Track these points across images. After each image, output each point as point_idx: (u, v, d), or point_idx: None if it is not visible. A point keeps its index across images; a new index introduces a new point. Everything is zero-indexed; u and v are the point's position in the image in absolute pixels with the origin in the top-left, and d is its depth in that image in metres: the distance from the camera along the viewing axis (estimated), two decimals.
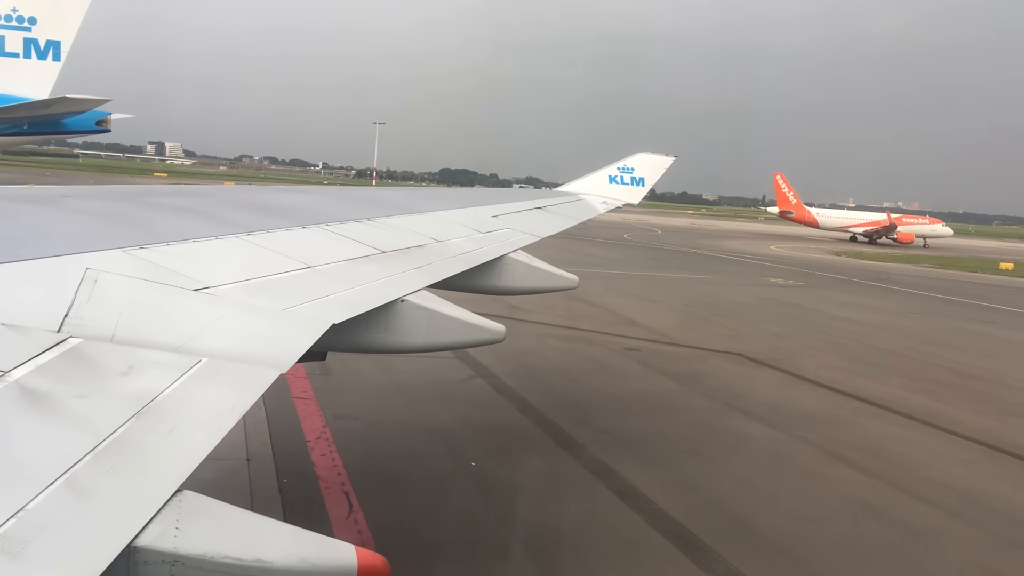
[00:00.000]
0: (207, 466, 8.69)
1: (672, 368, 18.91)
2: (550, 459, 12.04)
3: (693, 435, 13.77)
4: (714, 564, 8.91)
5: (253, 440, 11.64)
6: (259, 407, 13.04)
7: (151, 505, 2.41)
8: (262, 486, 10.06)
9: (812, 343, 23.80)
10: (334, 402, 13.76)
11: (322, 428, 12.38)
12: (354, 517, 9.36)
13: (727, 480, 11.66)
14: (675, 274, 41.29)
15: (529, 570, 8.62)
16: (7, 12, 31.87)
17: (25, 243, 4.15)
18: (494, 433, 13.16)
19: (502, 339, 6.08)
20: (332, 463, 11.00)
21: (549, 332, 22.15)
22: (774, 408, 15.80)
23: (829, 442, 13.83)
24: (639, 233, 75.81)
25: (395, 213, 8.08)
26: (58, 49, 32.52)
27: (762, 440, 13.74)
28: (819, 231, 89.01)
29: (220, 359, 3.50)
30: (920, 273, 53.50)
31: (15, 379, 2.77)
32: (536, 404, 14.85)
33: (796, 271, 47.09)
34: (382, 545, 8.63)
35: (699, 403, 16.00)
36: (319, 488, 10.19)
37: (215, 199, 7.35)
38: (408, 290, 5.50)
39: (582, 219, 13.32)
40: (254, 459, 10.93)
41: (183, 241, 4.88)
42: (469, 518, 9.81)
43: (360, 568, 2.66)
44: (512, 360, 18.26)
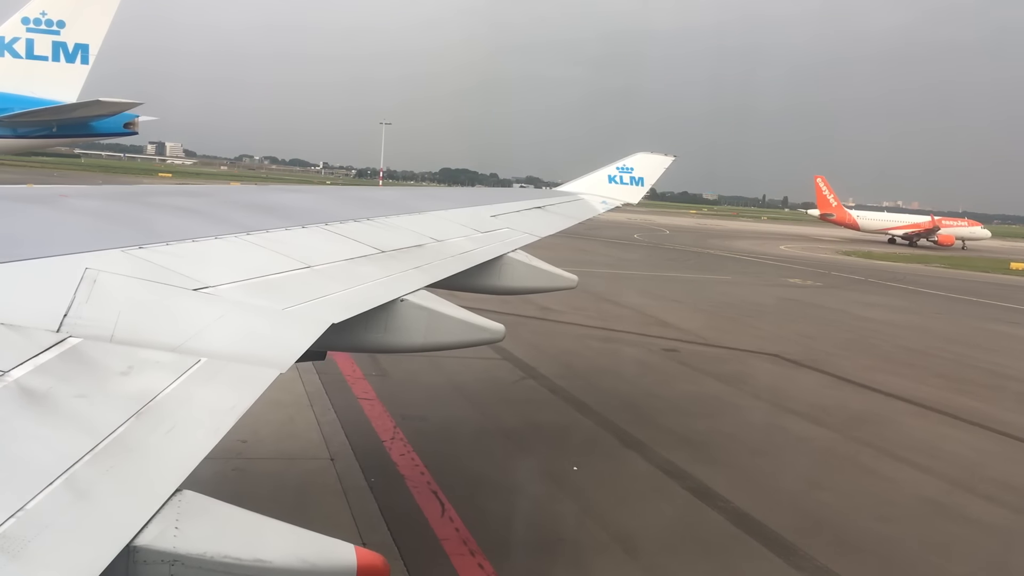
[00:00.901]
0: (295, 465, 9.03)
1: (714, 369, 19.15)
2: (621, 459, 12.28)
3: (752, 435, 14.01)
4: (804, 563, 9.15)
5: (331, 440, 11.89)
6: (328, 408, 13.33)
7: (151, 505, 2.42)
8: (352, 485, 10.29)
9: (843, 344, 24.04)
10: (398, 403, 13.99)
11: (394, 428, 12.62)
12: (448, 515, 9.60)
13: (797, 480, 11.91)
14: (693, 275, 41.54)
15: (633, 569, 8.85)
16: (36, 15, 32.07)
17: (24, 243, 4.15)
18: (561, 433, 13.40)
19: (501, 339, 6.11)
20: (413, 463, 11.24)
21: (586, 333, 22.39)
22: (823, 409, 16.05)
23: (883, 442, 14.09)
24: (648, 233, 76.03)
25: (394, 213, 8.11)
26: (86, 52, 32.71)
27: (820, 440, 13.99)
28: (859, 233, 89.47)
29: (219, 359, 3.50)
30: (933, 273, 53.78)
31: (14, 379, 2.77)
32: (592, 404, 15.09)
33: (811, 271, 47.34)
34: (484, 544, 8.89)
35: (749, 403, 16.26)
36: (407, 487, 10.43)
37: (214, 199, 7.39)
38: (407, 290, 5.49)
39: (582, 219, 13.41)
40: (337, 459, 11.17)
41: (182, 241, 4.89)
42: (561, 517, 10.05)
43: (360, 567, 2.66)
44: (558, 361, 18.53)
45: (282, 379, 12.06)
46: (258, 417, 12.70)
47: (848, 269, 51.40)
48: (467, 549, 8.79)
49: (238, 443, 11.49)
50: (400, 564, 8.34)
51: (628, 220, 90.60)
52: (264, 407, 13.17)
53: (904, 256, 69.30)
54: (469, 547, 8.84)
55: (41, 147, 36.31)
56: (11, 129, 31.57)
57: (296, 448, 11.58)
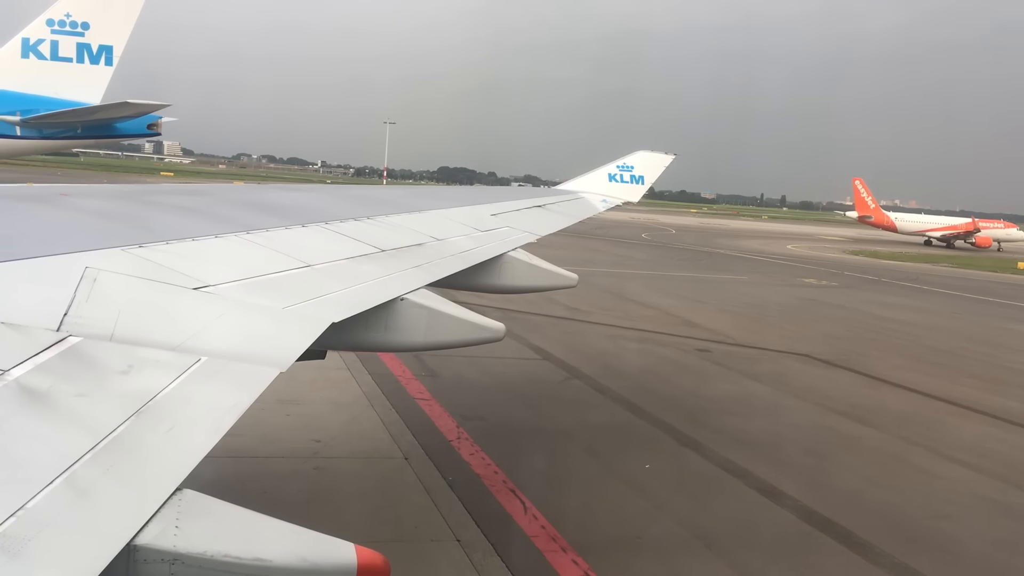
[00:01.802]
0: (373, 465, 9.32)
1: (750, 369, 19.43)
2: (682, 458, 12.56)
3: (802, 435, 14.29)
4: (881, 558, 9.43)
5: (400, 440, 12.15)
6: (389, 408, 13.58)
7: (151, 504, 2.43)
8: (432, 484, 10.54)
9: (869, 344, 24.33)
10: (454, 403, 14.24)
11: (457, 428, 12.88)
12: (532, 513, 9.87)
13: (856, 479, 12.19)
14: (709, 275, 41.83)
15: (716, 565, 9.12)
16: (61, 17, 32.25)
17: (24, 242, 4.16)
18: (618, 432, 13.65)
19: (502, 338, 6.05)
20: (485, 462, 11.50)
21: (617, 333, 22.65)
22: (865, 409, 16.33)
23: (931, 441, 14.38)
24: (655, 233, 76.28)
25: (394, 212, 8.10)
26: (110, 54, 32.89)
27: (870, 440, 14.27)
28: (896, 235, 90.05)
29: (219, 358, 3.50)
30: (943, 273, 54.12)
31: (14, 378, 2.77)
32: (641, 404, 15.35)
33: (824, 271, 47.65)
34: (573, 541, 9.16)
35: (792, 404, 16.53)
36: (485, 486, 10.69)
37: (214, 197, 7.39)
38: (408, 289, 5.47)
39: (582, 217, 13.45)
40: (411, 458, 11.43)
41: (182, 240, 4.89)
42: (637, 515, 10.32)
43: (360, 566, 2.66)
44: (597, 362, 18.79)
45: (337, 380, 12.47)
46: (324, 417, 12.99)
47: (859, 269, 51.73)
48: (558, 546, 9.06)
49: (312, 443, 11.79)
50: (498, 561, 8.60)
51: (632, 219, 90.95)
52: (326, 407, 13.50)
53: (911, 256, 69.70)
54: (559, 544, 9.10)
55: (65, 148, 36.52)
56: (37, 130, 31.75)
57: (368, 448, 11.83)
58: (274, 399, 13.57)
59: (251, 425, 12.23)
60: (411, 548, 8.80)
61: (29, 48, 31.99)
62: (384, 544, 8.73)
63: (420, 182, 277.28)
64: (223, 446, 9.98)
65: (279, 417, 12.83)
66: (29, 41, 32.00)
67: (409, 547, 8.82)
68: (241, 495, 8.73)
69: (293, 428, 12.46)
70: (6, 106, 31.27)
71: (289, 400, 13.65)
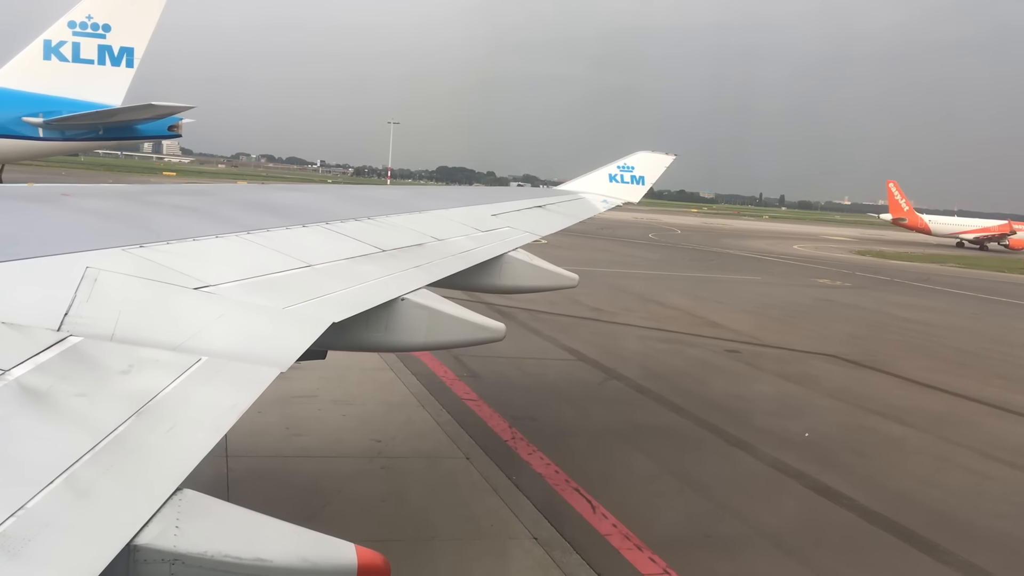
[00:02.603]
0: (437, 465, 9.55)
1: (781, 370, 19.64)
2: (733, 458, 12.75)
3: (846, 436, 14.48)
4: (949, 557, 9.63)
5: (458, 440, 12.34)
6: (440, 409, 13.76)
7: (151, 504, 2.42)
8: (498, 483, 10.72)
9: (893, 345, 24.53)
10: (501, 403, 14.42)
11: (510, 429, 13.06)
12: (601, 512, 10.06)
13: (907, 479, 12.38)
14: (723, 275, 42.04)
15: (789, 564, 9.32)
16: (82, 19, 32.38)
17: (25, 242, 4.16)
18: (666, 433, 13.84)
19: (502, 338, 6.01)
20: (544, 462, 11.67)
21: (645, 334, 22.85)
22: (902, 409, 16.53)
23: (973, 442, 14.58)
24: (662, 233, 76.46)
25: (395, 212, 8.08)
26: (131, 56, 33.02)
27: (912, 440, 14.48)
28: (930, 237, 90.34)
29: (220, 358, 3.50)
30: (952, 273, 54.38)
31: (15, 378, 2.77)
32: (682, 404, 15.54)
33: (835, 271, 47.87)
34: (646, 539, 9.35)
35: (829, 404, 16.74)
36: (549, 485, 10.88)
37: (215, 197, 7.39)
38: (408, 289, 5.46)
39: (583, 218, 13.45)
40: (473, 458, 11.62)
41: (183, 239, 4.88)
42: (701, 514, 10.51)
43: (360, 566, 2.66)
44: (632, 363, 18.97)
45: (384, 380, 12.70)
46: (380, 418, 13.19)
47: (870, 269, 51.98)
48: (632, 544, 9.24)
49: (374, 443, 11.98)
50: (577, 559, 8.78)
51: (636, 219, 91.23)
52: (379, 408, 13.70)
53: (917, 256, 70.01)
54: (633, 542, 9.29)
55: (87, 149, 36.69)
56: (59, 132, 31.88)
57: (429, 447, 12.01)
58: (328, 399, 13.80)
59: (311, 425, 12.47)
60: (492, 546, 8.99)
61: (51, 50, 32.13)
62: (465, 542, 9.00)
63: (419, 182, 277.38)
64: (291, 444, 10.24)
65: (336, 417, 13.03)
66: (51, 43, 32.14)
67: (490, 544, 9.02)
68: (317, 494, 8.96)
69: (352, 428, 12.65)
70: (29, 108, 31.41)
71: (342, 401, 13.85)
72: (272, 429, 12.19)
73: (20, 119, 31.25)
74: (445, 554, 8.70)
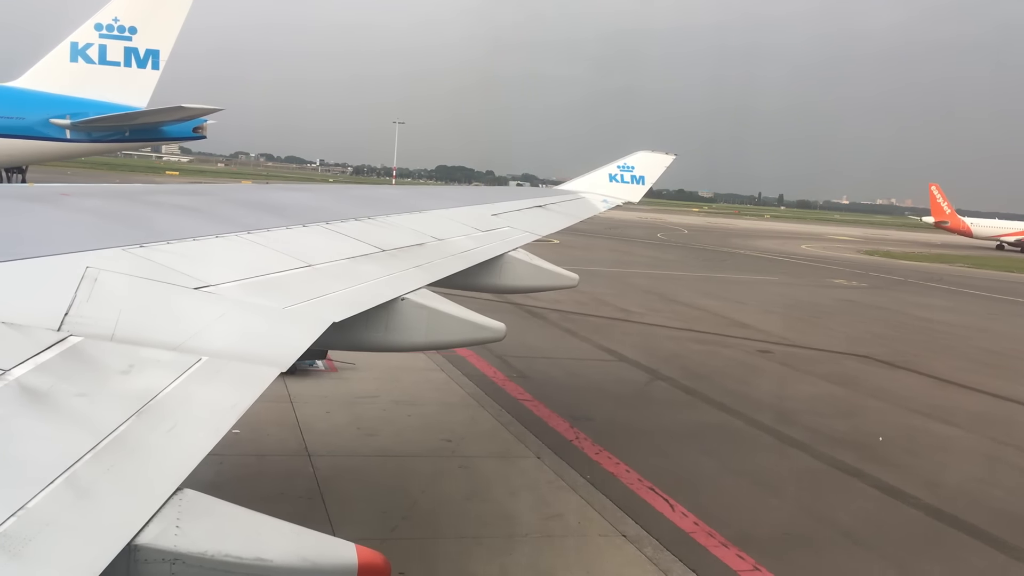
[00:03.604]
0: (511, 464, 9.83)
1: (817, 370, 19.91)
2: (792, 458, 13.02)
3: (896, 435, 14.74)
4: (1020, 553, 9.92)
5: (524, 439, 12.59)
6: (500, 410, 14.02)
7: (151, 504, 2.42)
8: (573, 482, 10.97)
9: (920, 345, 24.83)
10: (556, 403, 14.66)
11: (571, 428, 13.32)
12: (679, 511, 10.32)
13: (966, 478, 12.66)
14: (740, 275, 42.30)
15: (871, 560, 9.59)
16: (108, 21, 32.54)
17: (25, 242, 4.15)
18: (721, 432, 14.09)
19: (502, 337, 6.01)
20: (612, 461, 11.91)
21: (677, 335, 23.12)
22: (944, 409, 16.83)
23: (1020, 441, 14.88)
24: (669, 233, 76.61)
25: (395, 211, 8.06)
26: (157, 58, 33.16)
27: (961, 440, 14.78)
28: (971, 239, 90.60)
29: (220, 358, 3.49)
30: (963, 273, 54.71)
31: (15, 378, 2.76)
32: (730, 404, 15.79)
33: (848, 272, 48.16)
34: (729, 537, 9.62)
35: (872, 404, 17.01)
36: (622, 483, 11.13)
37: (215, 197, 7.38)
38: (408, 288, 5.46)
39: (583, 217, 13.46)
40: (544, 457, 11.87)
41: (183, 239, 4.87)
42: (775, 511, 10.78)
43: (360, 566, 2.66)
44: (672, 363, 19.22)
45: (437, 381, 13.09)
46: (443, 418, 13.45)
47: (881, 269, 52.31)
48: (717, 542, 9.51)
49: (444, 442, 12.24)
50: (669, 556, 9.04)
51: (641, 219, 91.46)
52: (440, 408, 13.97)
53: (925, 256, 70.41)
54: (718, 540, 9.55)
55: (113, 150, 36.87)
56: (86, 133, 32.03)
57: (498, 447, 12.26)
58: (390, 400, 14.06)
59: (380, 425, 12.74)
60: (585, 543, 9.24)
61: (78, 52, 32.27)
62: (558, 539, 9.26)
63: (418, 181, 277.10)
64: (367, 444, 10.53)
65: (402, 418, 13.29)
66: (78, 45, 32.27)
67: (582, 542, 9.26)
68: (403, 493, 9.21)
69: (419, 428, 12.91)
70: (56, 110, 31.55)
71: (404, 401, 14.11)
72: (344, 429, 12.46)
73: (48, 121, 31.39)
74: (543, 551, 8.96)
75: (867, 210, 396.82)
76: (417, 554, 8.63)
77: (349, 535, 8.79)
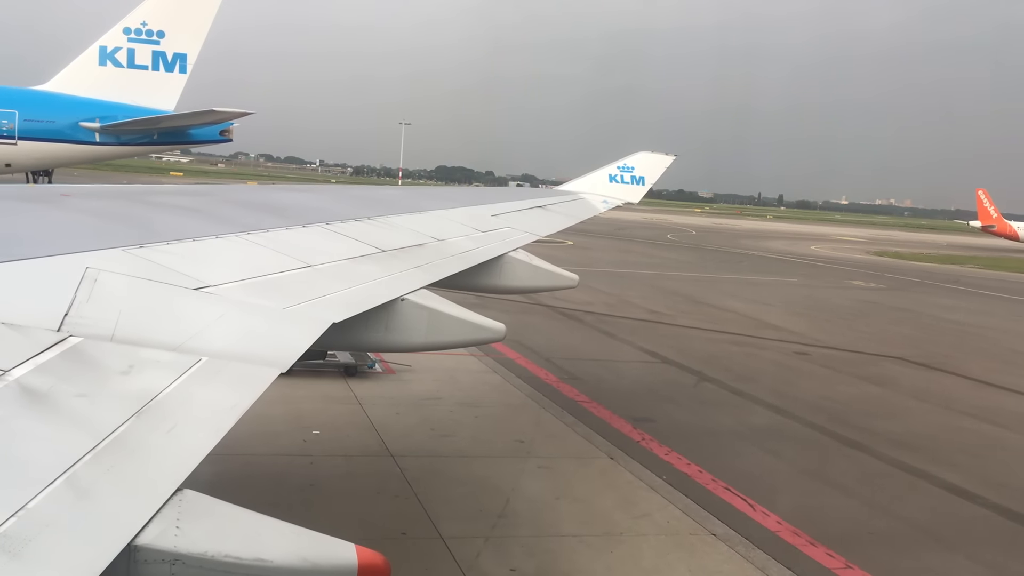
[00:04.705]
0: (589, 464, 10.07)
1: (855, 371, 20.16)
2: (855, 459, 13.26)
3: (949, 436, 15.02)
4: None
5: (593, 440, 12.84)
6: (562, 411, 14.27)
7: (151, 504, 2.41)
8: (651, 482, 11.21)
9: (951, 347, 25.08)
10: (614, 405, 14.89)
11: (635, 430, 13.57)
12: (761, 511, 10.56)
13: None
14: (758, 277, 42.56)
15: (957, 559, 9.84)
16: (137, 25, 32.77)
17: (25, 242, 4.14)
18: (779, 433, 14.34)
19: (502, 338, 6.01)
20: (684, 461, 12.16)
21: (711, 336, 23.38)
22: (989, 410, 17.08)
23: None
24: (678, 234, 76.79)
25: (395, 212, 8.06)
26: (184, 62, 33.39)
27: (1011, 440, 15.04)
28: (1017, 243, 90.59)
29: (220, 358, 3.49)
30: (975, 274, 54.97)
31: (15, 378, 2.76)
32: (781, 406, 16.05)
33: (863, 273, 48.42)
34: (815, 536, 9.87)
35: (918, 406, 17.28)
36: (699, 484, 11.38)
37: (215, 198, 7.38)
38: (408, 289, 5.45)
39: (583, 218, 13.46)
40: (616, 458, 12.12)
41: (183, 240, 4.86)
42: (854, 511, 11.03)
43: (361, 566, 2.66)
44: (714, 365, 19.45)
45: (494, 383, 13.51)
46: (510, 419, 13.72)
47: (896, 271, 52.59)
48: (805, 540, 9.75)
49: (517, 443, 12.49)
50: (761, 554, 9.28)
51: (647, 220, 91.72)
52: (504, 410, 14.22)
53: (934, 257, 70.74)
54: (805, 539, 9.80)
55: (142, 153, 37.08)
56: (115, 137, 32.27)
57: (571, 448, 12.51)
58: (453, 402, 14.33)
59: (452, 427, 13.00)
60: (679, 541, 9.48)
61: (106, 56, 32.49)
62: (652, 538, 9.51)
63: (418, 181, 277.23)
64: (444, 445, 10.80)
65: (470, 419, 13.55)
66: (106, 49, 32.50)
67: (676, 540, 9.50)
68: (494, 492, 9.48)
69: (490, 429, 13.16)
70: (86, 113, 31.76)
71: (467, 403, 14.37)
72: (418, 430, 12.71)
73: (77, 124, 31.61)
74: (642, 549, 9.19)
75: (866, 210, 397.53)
76: (525, 552, 8.87)
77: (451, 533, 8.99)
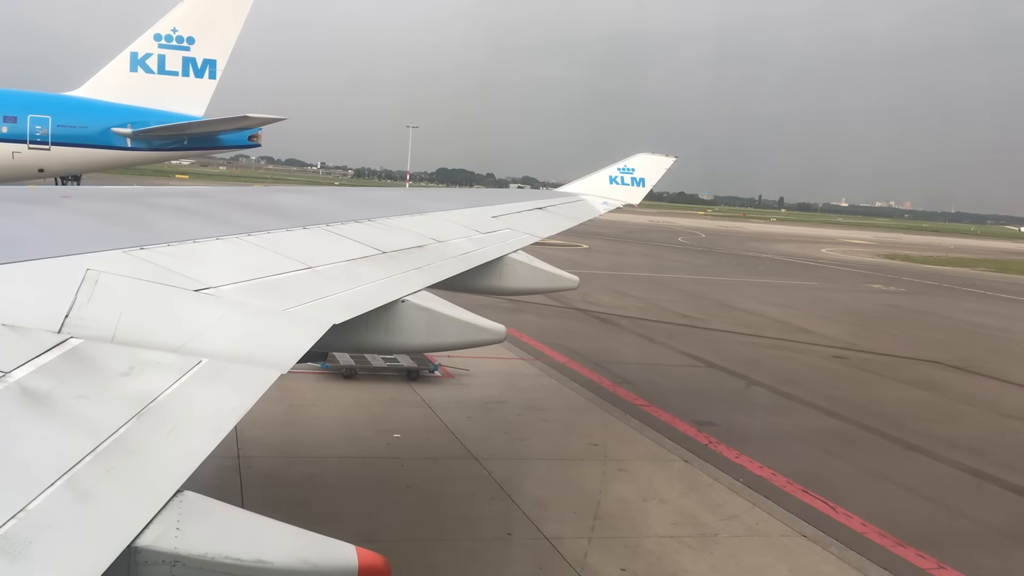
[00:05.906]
0: (665, 467, 10.33)
1: (897, 375, 20.37)
2: (919, 462, 13.48)
3: (1006, 439, 15.26)
4: None
5: (663, 444, 13.06)
6: (626, 415, 14.49)
7: (152, 506, 2.42)
8: (730, 485, 11.41)
9: (984, 350, 25.29)
10: (674, 409, 15.11)
11: (700, 433, 13.79)
12: (843, 512, 10.77)
13: None
14: (779, 280, 42.76)
15: None
16: (167, 32, 33.03)
17: (26, 244, 4.15)
18: (839, 436, 14.55)
19: (502, 339, 6.02)
20: (756, 464, 12.36)
21: (748, 340, 23.61)
22: None
23: None
24: (688, 237, 77.15)
25: (395, 213, 8.08)
26: (214, 67, 33.66)
27: None
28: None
29: (220, 360, 3.49)
30: (989, 277, 55.23)
31: (16, 380, 2.76)
32: (834, 409, 16.27)
33: (880, 276, 48.69)
34: (903, 537, 10.09)
35: (967, 409, 17.50)
36: (775, 486, 11.60)
37: (215, 200, 7.41)
38: (409, 290, 5.47)
39: (583, 219, 13.54)
40: (691, 461, 12.33)
41: (184, 242, 4.87)
42: (933, 513, 11.27)
43: (361, 567, 2.66)
44: (758, 368, 19.68)
45: (551, 386, 13.77)
46: (577, 423, 13.92)
47: (911, 274, 52.86)
48: (893, 542, 9.97)
49: (591, 446, 12.71)
50: (855, 555, 9.50)
51: (653, 222, 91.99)
52: (569, 414, 14.46)
53: (945, 260, 70.99)
54: (892, 540, 10.02)
55: (172, 159, 37.39)
56: (146, 142, 32.52)
57: (644, 451, 12.73)
58: (519, 405, 14.57)
59: (524, 431, 13.23)
60: (773, 543, 9.69)
61: (137, 62, 32.75)
62: (747, 539, 9.74)
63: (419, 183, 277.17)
64: (519, 449, 11.03)
65: (538, 423, 13.78)
66: (137, 55, 32.76)
67: (771, 542, 9.72)
68: (583, 494, 9.71)
69: (561, 432, 13.38)
70: (117, 119, 32.02)
71: (532, 407, 14.59)
72: (493, 434, 12.95)
73: (109, 130, 31.88)
74: (740, 550, 9.41)
75: (866, 212, 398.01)
76: (630, 552, 9.10)
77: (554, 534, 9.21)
